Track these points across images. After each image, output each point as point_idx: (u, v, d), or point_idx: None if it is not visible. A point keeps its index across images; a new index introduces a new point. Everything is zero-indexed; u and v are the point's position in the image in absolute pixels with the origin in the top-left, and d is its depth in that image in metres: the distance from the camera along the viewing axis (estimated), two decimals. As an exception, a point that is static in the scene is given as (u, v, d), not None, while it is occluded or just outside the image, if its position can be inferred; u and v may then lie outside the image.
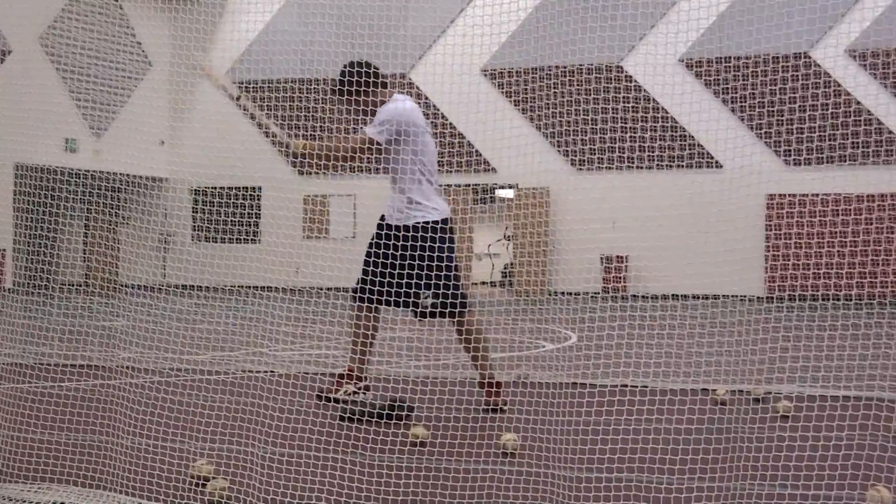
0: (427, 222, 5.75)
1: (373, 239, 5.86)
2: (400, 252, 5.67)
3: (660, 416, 5.10)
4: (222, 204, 21.31)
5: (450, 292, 5.67)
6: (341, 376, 6.01)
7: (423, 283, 5.63)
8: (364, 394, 5.93)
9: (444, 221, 5.84)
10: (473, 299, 5.86)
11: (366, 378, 5.98)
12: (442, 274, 5.67)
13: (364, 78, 5.87)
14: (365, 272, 5.76)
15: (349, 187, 22.82)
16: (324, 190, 23.11)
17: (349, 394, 5.89)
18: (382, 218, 5.94)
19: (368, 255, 5.80)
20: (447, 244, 5.78)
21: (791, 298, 16.87)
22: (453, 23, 22.75)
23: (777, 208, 20.10)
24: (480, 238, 26.54)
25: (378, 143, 5.73)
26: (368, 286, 5.74)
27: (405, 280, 5.63)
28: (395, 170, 5.80)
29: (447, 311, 5.70)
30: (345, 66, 5.88)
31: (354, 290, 5.86)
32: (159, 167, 23.47)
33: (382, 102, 5.91)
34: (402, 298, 5.72)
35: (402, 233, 5.72)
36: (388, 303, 5.82)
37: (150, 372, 6.92)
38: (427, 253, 5.64)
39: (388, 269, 5.69)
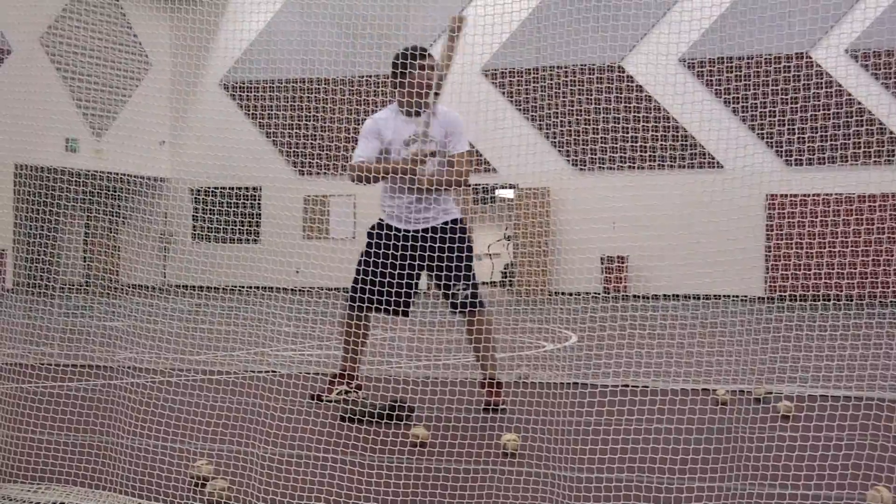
0: (458, 219, 5.87)
1: (374, 245, 5.82)
2: (428, 253, 5.68)
3: (660, 416, 5.10)
4: (222, 204, 21.31)
5: (478, 289, 5.80)
6: (333, 377, 6.02)
7: (461, 275, 5.71)
8: (356, 392, 5.94)
9: None
10: (487, 298, 5.90)
11: (357, 377, 5.99)
12: (473, 267, 5.79)
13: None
14: (362, 278, 5.75)
15: (349, 187, 22.79)
16: (324, 190, 23.11)
17: (342, 394, 5.90)
18: (389, 227, 5.85)
19: (367, 260, 5.78)
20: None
21: (791, 299, 16.87)
22: (453, 23, 22.72)
23: (777, 208, 20.10)
24: (480, 238, 26.54)
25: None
26: (364, 292, 5.73)
27: (442, 279, 5.70)
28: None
29: (477, 302, 5.75)
30: (417, 48, 5.81)
31: (351, 296, 5.84)
32: (160, 167, 23.49)
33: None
34: (441, 296, 5.80)
35: (432, 234, 5.73)
36: (387, 310, 5.82)
37: (150, 372, 6.91)
38: (465, 245, 5.76)
39: (405, 273, 5.70)
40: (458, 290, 5.73)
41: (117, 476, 3.95)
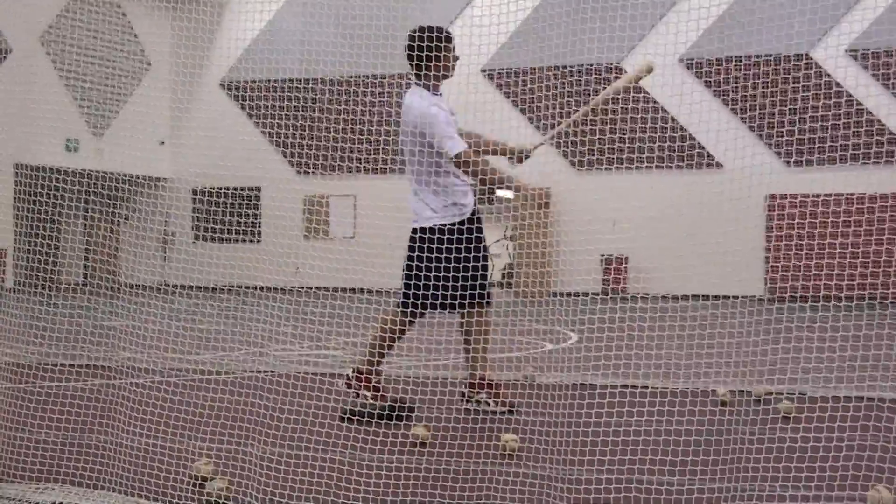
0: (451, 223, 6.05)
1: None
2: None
3: (660, 417, 5.09)
4: (222, 204, 21.29)
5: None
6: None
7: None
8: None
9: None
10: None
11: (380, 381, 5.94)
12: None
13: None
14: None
15: (349, 187, 22.79)
16: (324, 190, 23.10)
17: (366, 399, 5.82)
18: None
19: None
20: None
21: (791, 299, 16.86)
22: (453, 23, 22.74)
23: (777, 208, 20.09)
24: (480, 238, 26.48)
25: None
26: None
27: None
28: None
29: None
30: (444, 31, 5.88)
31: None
32: (160, 167, 23.48)
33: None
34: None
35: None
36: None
37: (150, 372, 6.91)
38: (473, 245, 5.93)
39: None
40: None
41: (117, 476, 3.95)
